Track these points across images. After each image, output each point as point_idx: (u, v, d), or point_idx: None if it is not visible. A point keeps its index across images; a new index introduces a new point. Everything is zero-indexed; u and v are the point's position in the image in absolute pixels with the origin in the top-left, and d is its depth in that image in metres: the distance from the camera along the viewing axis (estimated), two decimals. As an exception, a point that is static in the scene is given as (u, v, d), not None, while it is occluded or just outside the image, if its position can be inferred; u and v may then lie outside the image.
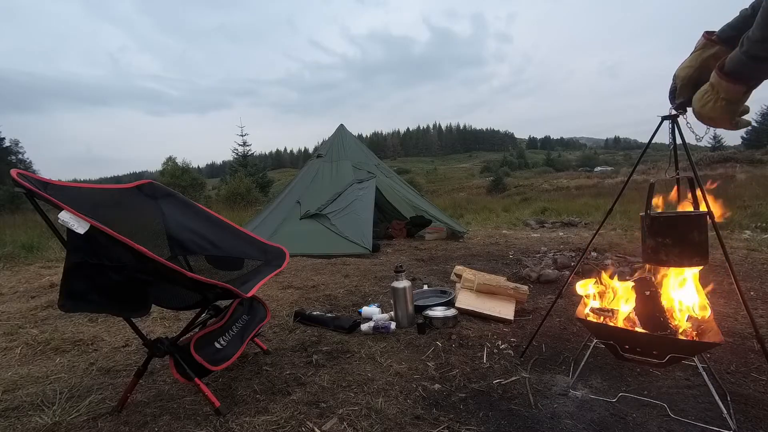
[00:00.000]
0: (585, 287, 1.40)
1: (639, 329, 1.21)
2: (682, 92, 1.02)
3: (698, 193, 1.16)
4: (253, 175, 19.54)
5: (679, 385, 1.22)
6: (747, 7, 0.88)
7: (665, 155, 1.27)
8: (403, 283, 1.79)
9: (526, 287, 2.02)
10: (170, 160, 23.17)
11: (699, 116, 0.93)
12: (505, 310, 1.88)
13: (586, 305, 1.34)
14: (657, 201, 1.26)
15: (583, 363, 1.24)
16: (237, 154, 24.38)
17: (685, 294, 1.24)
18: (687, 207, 1.24)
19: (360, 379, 1.33)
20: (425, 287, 2.35)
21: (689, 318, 1.20)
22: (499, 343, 1.60)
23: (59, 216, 0.95)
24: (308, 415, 1.13)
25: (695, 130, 1.11)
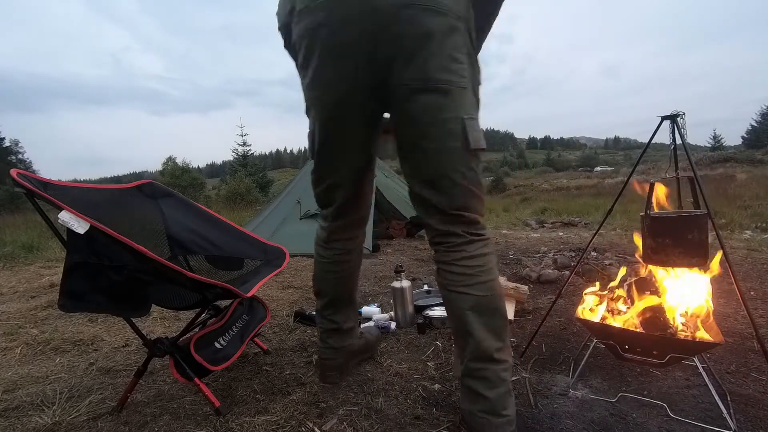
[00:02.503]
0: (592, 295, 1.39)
1: (639, 329, 1.21)
2: None
3: (698, 193, 1.16)
4: (253, 175, 19.57)
5: (679, 385, 1.22)
6: None
7: (665, 155, 1.27)
8: (403, 283, 1.78)
9: (526, 287, 2.01)
10: (170, 160, 23.20)
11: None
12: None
13: (585, 302, 1.34)
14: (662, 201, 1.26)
15: (583, 363, 1.24)
16: (237, 154, 24.41)
17: (687, 294, 1.24)
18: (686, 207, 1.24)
19: (360, 379, 1.33)
20: (425, 287, 2.35)
21: (689, 318, 1.20)
22: (499, 343, 1.59)
23: (59, 216, 0.95)
24: (308, 415, 1.13)
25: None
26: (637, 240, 1.29)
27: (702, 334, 1.13)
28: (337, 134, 1.04)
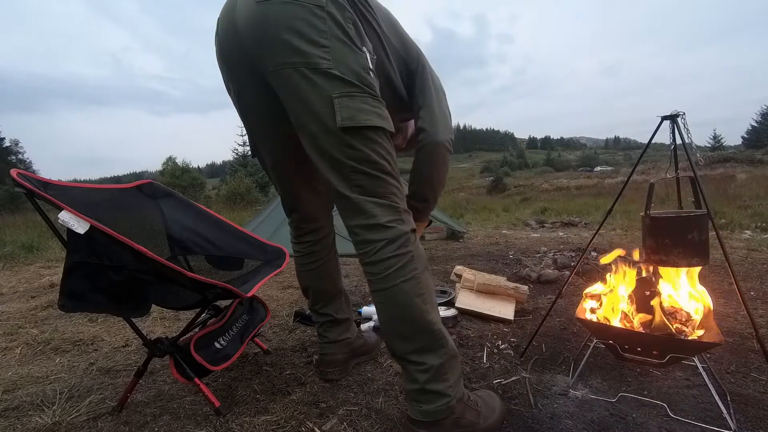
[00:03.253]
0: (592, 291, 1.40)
1: (639, 329, 1.21)
2: None
3: (698, 193, 1.16)
4: (253, 175, 19.53)
5: (679, 385, 1.22)
6: None
7: (665, 155, 1.27)
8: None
9: (526, 287, 2.02)
10: (170, 160, 23.20)
11: None
12: (505, 310, 1.88)
13: (585, 304, 1.34)
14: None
15: (583, 363, 1.24)
16: (237, 154, 24.36)
17: (685, 294, 1.24)
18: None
19: (360, 379, 1.33)
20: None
21: (690, 319, 1.20)
22: (499, 343, 1.60)
23: (59, 216, 0.95)
24: (308, 415, 1.13)
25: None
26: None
27: (701, 334, 1.13)
28: (255, 135, 1.15)
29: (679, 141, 1.17)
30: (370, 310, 1.94)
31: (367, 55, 0.94)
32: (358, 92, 0.90)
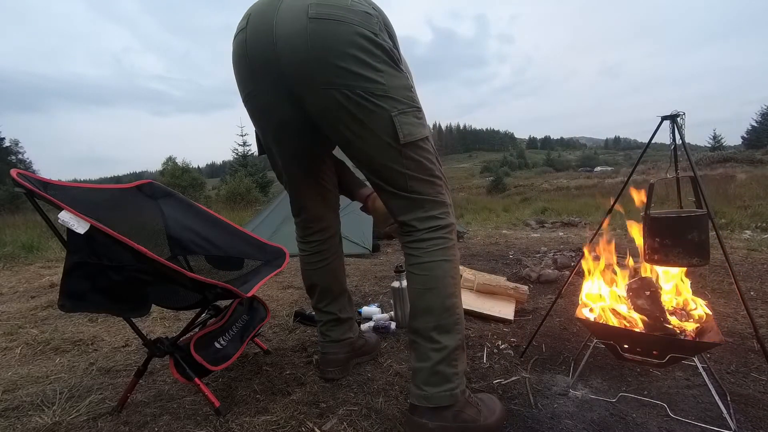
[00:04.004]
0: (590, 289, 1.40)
1: (639, 329, 1.21)
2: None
3: (699, 193, 1.16)
4: (253, 175, 19.53)
5: (679, 385, 1.22)
6: None
7: (665, 155, 1.27)
8: (403, 283, 1.78)
9: (526, 287, 2.02)
10: (170, 160, 23.22)
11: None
12: (505, 310, 1.88)
13: (585, 305, 1.34)
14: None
15: (583, 363, 1.24)
16: (237, 154, 24.34)
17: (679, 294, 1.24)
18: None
19: (360, 379, 1.33)
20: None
21: (689, 318, 1.20)
22: (499, 343, 1.60)
23: (59, 216, 0.95)
24: (308, 415, 1.13)
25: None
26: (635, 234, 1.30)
27: (701, 334, 1.13)
28: (266, 136, 1.15)
29: (679, 141, 1.17)
30: (370, 310, 1.94)
31: (407, 74, 1.01)
32: (408, 108, 0.97)
